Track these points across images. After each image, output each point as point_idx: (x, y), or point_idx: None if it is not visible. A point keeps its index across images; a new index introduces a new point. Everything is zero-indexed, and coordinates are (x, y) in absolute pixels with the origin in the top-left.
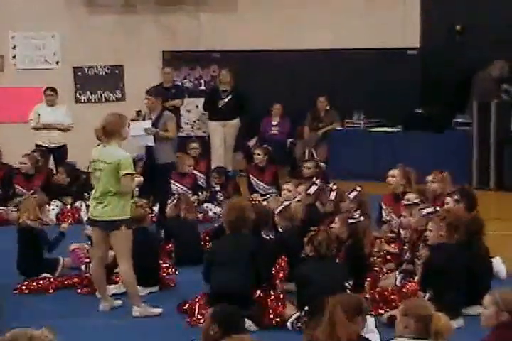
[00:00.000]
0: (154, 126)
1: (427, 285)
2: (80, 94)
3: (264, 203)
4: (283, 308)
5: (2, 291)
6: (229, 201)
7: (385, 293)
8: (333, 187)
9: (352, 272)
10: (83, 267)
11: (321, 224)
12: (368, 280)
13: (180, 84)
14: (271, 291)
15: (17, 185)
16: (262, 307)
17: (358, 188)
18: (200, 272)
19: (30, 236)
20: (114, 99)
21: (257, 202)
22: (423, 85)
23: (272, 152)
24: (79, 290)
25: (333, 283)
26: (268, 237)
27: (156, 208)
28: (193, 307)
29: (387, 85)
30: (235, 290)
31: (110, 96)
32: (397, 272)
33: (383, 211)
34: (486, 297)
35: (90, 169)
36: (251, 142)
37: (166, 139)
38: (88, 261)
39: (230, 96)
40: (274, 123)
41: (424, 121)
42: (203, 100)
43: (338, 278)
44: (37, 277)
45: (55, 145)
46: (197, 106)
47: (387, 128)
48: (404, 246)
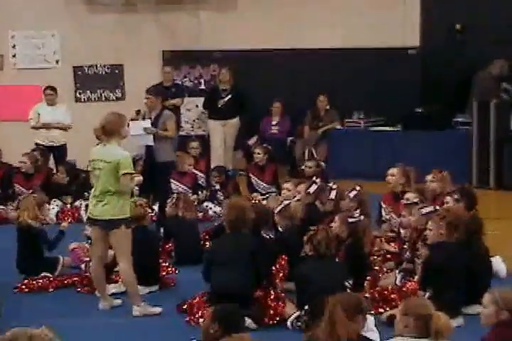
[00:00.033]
0: (154, 126)
1: (427, 285)
2: (80, 94)
3: (264, 202)
4: (283, 307)
5: (2, 290)
6: (229, 201)
7: (385, 292)
8: (333, 187)
9: (352, 271)
10: (83, 266)
11: (320, 223)
12: (368, 279)
13: (180, 83)
14: (271, 290)
15: (17, 184)
16: (262, 307)
17: (358, 187)
18: (200, 271)
19: (30, 236)
20: (114, 98)
21: (256, 201)
22: (423, 84)
23: (272, 151)
24: (79, 289)
25: (333, 282)
26: (268, 236)
27: (156, 207)
28: (193, 306)
29: (387, 84)
30: (235, 289)
31: (110, 95)
32: (397, 271)
33: (383, 210)
34: (485, 296)
35: (90, 168)
36: (251, 141)
37: (165, 138)
38: (88, 260)
39: (230, 95)
40: (274, 123)
41: (424, 120)
42: (202, 99)
43: (337, 277)
44: (37, 276)
45: (54, 145)
46: (197, 106)
47: (387, 128)
48: (404, 246)
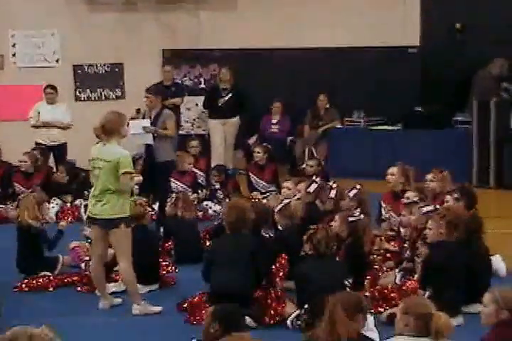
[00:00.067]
0: (153, 125)
1: (427, 284)
2: (80, 93)
3: (264, 201)
4: (283, 307)
5: (2, 289)
6: (229, 201)
7: (385, 291)
8: (333, 186)
9: (352, 270)
10: (83, 265)
11: (320, 222)
12: (368, 278)
13: (180, 82)
14: (271, 290)
15: (16, 184)
16: (262, 306)
17: (358, 186)
18: (199, 270)
19: (30, 235)
20: (113, 97)
21: (256, 200)
22: (423, 83)
23: (272, 150)
24: (79, 289)
25: (333, 281)
26: (268, 235)
27: (155, 206)
28: (193, 305)
29: (387, 84)
30: (235, 290)
31: (110, 94)
32: (396, 270)
33: (383, 209)
34: (485, 295)
35: (90, 167)
36: (251, 140)
37: (165, 137)
38: (88, 259)
39: (230, 95)
40: (274, 122)
41: (424, 119)
42: (202, 98)
43: (337, 276)
44: (37, 275)
45: (54, 144)
46: (197, 105)
47: (387, 127)
48: (405, 245)
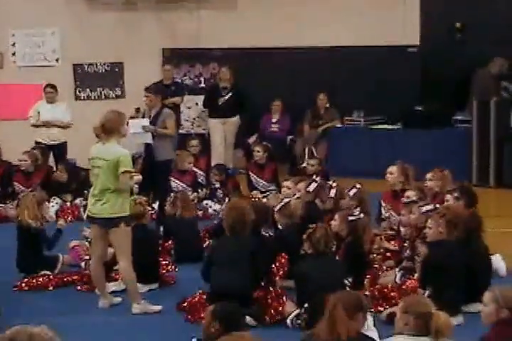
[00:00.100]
0: (153, 124)
1: (427, 283)
2: (80, 92)
3: (264, 200)
4: (283, 305)
5: (2, 288)
6: (229, 203)
7: (385, 290)
8: (333, 185)
9: (352, 269)
10: (83, 264)
11: (320, 221)
12: (368, 277)
13: (180, 81)
14: (271, 289)
15: (16, 183)
16: (262, 306)
17: (358, 185)
18: (199, 269)
19: (30, 234)
20: (113, 96)
21: (256, 199)
22: (423, 83)
23: (272, 149)
24: (78, 288)
25: (332, 280)
26: (268, 235)
27: (155, 205)
28: (193, 305)
29: (387, 83)
30: (235, 290)
31: (110, 93)
32: (396, 269)
33: (382, 208)
34: (485, 294)
35: (89, 166)
36: (251, 139)
37: (165, 137)
38: (88, 258)
39: (230, 94)
40: (274, 121)
41: (424, 118)
42: (202, 97)
43: (337, 275)
44: (36, 274)
45: (54, 143)
46: (197, 104)
47: (387, 126)
48: (405, 244)
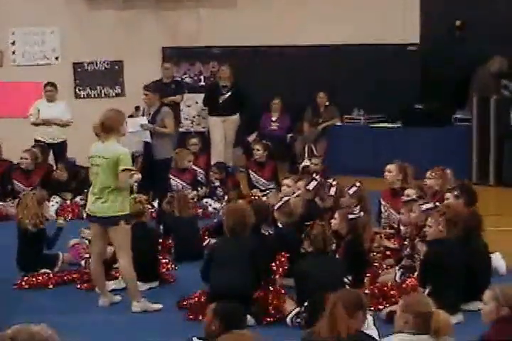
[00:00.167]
0: (152, 122)
1: (426, 281)
2: (80, 90)
3: (264, 199)
4: (283, 303)
5: (2, 287)
6: (229, 205)
7: (385, 289)
8: (333, 183)
9: (352, 267)
10: (83, 262)
11: (320, 219)
12: (368, 275)
13: (180, 79)
14: (271, 287)
15: (16, 181)
16: (262, 305)
17: (358, 184)
18: (199, 268)
19: (30, 233)
20: (113, 94)
21: (256, 197)
22: (423, 81)
23: (272, 147)
24: (78, 286)
25: (332, 278)
26: (267, 233)
27: (155, 204)
28: (193, 302)
29: (387, 81)
30: (235, 290)
31: (110, 91)
32: (396, 268)
33: (382, 206)
34: (486, 292)
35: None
36: (251, 137)
37: (164, 135)
38: (88, 256)
39: (230, 92)
40: (274, 119)
41: (424, 116)
42: (202, 96)
43: (337, 273)
44: (36, 272)
45: (54, 141)
46: (197, 102)
47: (387, 124)
48: (405, 242)
